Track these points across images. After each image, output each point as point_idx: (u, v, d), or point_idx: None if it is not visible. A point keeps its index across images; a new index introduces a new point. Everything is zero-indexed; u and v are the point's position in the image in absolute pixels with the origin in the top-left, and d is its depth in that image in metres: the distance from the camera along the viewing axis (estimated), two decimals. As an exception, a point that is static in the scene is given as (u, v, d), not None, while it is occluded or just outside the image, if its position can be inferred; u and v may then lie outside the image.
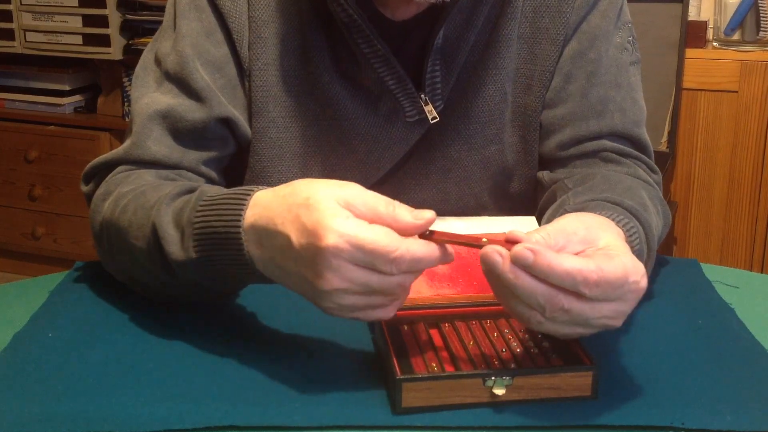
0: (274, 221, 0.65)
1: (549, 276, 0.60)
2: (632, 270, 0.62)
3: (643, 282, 0.63)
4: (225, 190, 0.73)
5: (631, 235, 0.73)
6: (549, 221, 0.86)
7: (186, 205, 0.73)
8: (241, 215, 0.68)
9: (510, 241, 0.62)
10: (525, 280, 0.61)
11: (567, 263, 0.60)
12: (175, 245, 0.72)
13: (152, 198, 0.77)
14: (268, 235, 0.66)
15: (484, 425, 0.62)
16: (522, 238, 0.62)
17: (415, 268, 0.63)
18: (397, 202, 0.64)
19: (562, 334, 0.64)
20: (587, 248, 0.64)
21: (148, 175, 0.86)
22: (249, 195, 0.69)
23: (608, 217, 0.72)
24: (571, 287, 0.60)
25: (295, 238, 0.63)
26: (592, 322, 0.63)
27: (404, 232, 0.63)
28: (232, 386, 0.66)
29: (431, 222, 0.64)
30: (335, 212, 0.62)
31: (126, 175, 0.87)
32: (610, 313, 0.63)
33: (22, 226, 2.87)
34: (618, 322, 0.64)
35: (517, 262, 0.60)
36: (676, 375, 0.68)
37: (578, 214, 0.70)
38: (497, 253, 0.62)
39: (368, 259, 0.61)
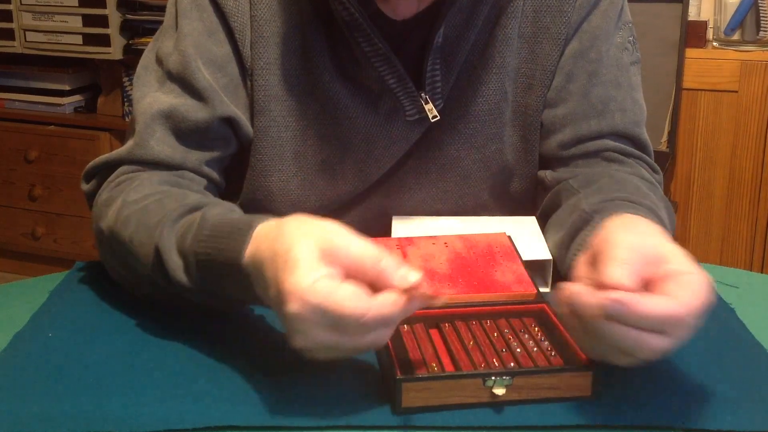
0: (262, 264, 0.65)
1: (640, 324, 0.60)
2: (706, 290, 0.62)
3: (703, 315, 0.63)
4: (226, 218, 0.72)
5: None
6: (561, 224, 0.87)
7: (188, 230, 0.73)
8: (242, 250, 0.67)
9: (597, 286, 0.61)
10: (616, 328, 0.60)
11: (656, 309, 0.59)
12: (179, 272, 0.73)
13: (155, 215, 0.77)
14: (258, 275, 0.66)
15: (484, 425, 0.62)
16: (609, 283, 0.61)
17: (388, 324, 0.62)
18: (385, 256, 0.62)
19: (627, 363, 0.63)
20: (658, 268, 0.63)
21: (152, 181, 0.85)
22: (252, 227, 0.68)
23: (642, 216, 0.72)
24: (661, 330, 0.60)
25: (272, 292, 0.63)
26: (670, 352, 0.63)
27: (385, 287, 0.62)
28: (232, 386, 0.66)
29: (417, 287, 0.62)
30: (306, 273, 0.60)
31: (129, 178, 0.87)
32: (676, 343, 0.63)
33: (22, 226, 2.87)
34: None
35: (610, 315, 0.60)
36: (675, 375, 0.68)
37: (623, 221, 0.69)
38: (583, 291, 0.61)
39: (335, 323, 0.60)
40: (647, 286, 0.63)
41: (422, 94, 0.93)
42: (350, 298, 0.59)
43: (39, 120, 2.79)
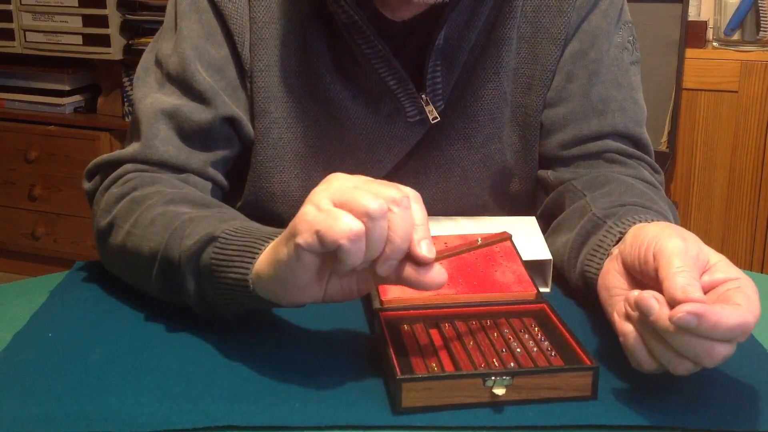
0: (275, 243, 0.66)
1: (711, 335, 0.59)
2: (756, 291, 0.63)
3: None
4: (237, 237, 0.71)
5: None
6: (569, 227, 0.86)
7: (200, 248, 0.72)
8: (249, 269, 0.68)
9: (671, 299, 0.61)
10: (687, 339, 0.60)
11: (731, 319, 0.59)
12: (191, 286, 0.73)
13: (166, 228, 0.76)
14: (269, 255, 0.66)
15: (484, 425, 0.62)
16: (679, 296, 0.60)
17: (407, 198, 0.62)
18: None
19: (686, 370, 0.63)
20: (708, 276, 0.64)
21: (163, 191, 0.83)
22: (262, 248, 0.68)
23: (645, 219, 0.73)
24: (729, 339, 0.60)
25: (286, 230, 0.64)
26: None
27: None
28: (232, 386, 0.66)
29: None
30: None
31: (137, 180, 0.86)
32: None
33: (22, 226, 2.87)
34: None
35: (683, 328, 0.59)
36: (675, 375, 0.68)
37: (661, 228, 0.69)
38: (654, 299, 0.61)
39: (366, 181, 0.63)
40: (706, 294, 0.63)
41: (423, 96, 0.92)
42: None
43: (39, 120, 2.79)
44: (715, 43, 2.36)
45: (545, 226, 0.94)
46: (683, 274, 0.62)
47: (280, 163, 0.96)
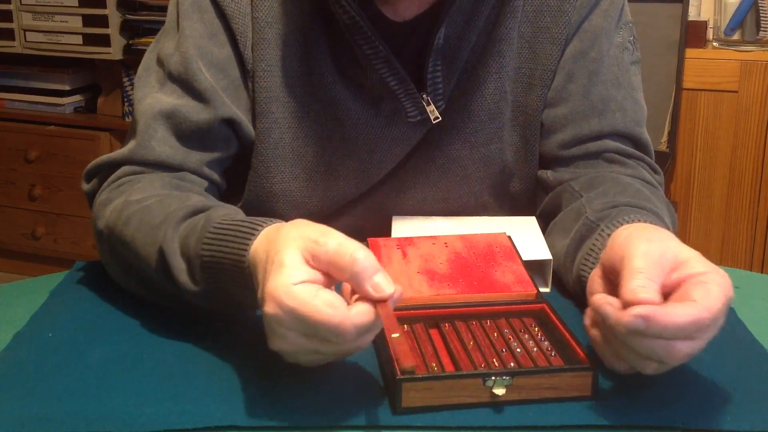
0: (257, 267, 0.65)
1: (664, 335, 0.60)
2: (727, 287, 0.62)
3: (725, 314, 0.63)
4: (231, 219, 0.71)
5: None
6: (565, 230, 0.86)
7: (192, 232, 0.73)
8: (246, 251, 0.67)
9: (623, 302, 0.62)
10: (645, 341, 0.60)
11: (680, 318, 0.59)
12: (183, 274, 0.72)
13: (158, 216, 0.77)
14: (254, 278, 0.66)
15: (484, 425, 0.62)
16: (630, 298, 0.61)
17: (369, 330, 0.61)
18: (360, 257, 0.61)
19: (654, 370, 0.63)
20: (678, 273, 0.64)
21: (153, 184, 0.85)
22: (255, 231, 0.68)
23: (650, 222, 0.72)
24: (687, 337, 0.60)
25: (258, 293, 0.63)
26: (698, 354, 0.63)
27: (360, 291, 0.62)
28: (232, 386, 0.66)
29: (388, 298, 0.61)
30: (286, 277, 0.60)
31: (130, 181, 0.87)
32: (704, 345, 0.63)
33: (22, 226, 2.87)
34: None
35: (631, 332, 0.60)
36: (676, 375, 0.68)
37: (634, 230, 0.69)
38: (609, 305, 0.62)
39: (310, 330, 0.60)
40: (671, 292, 0.63)
41: (424, 96, 0.92)
42: (327, 306, 0.59)
43: (39, 120, 2.79)
44: (715, 43, 2.36)
45: (545, 227, 0.94)
46: (639, 276, 0.62)
47: (281, 163, 0.96)
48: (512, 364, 0.66)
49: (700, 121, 2.37)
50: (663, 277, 0.63)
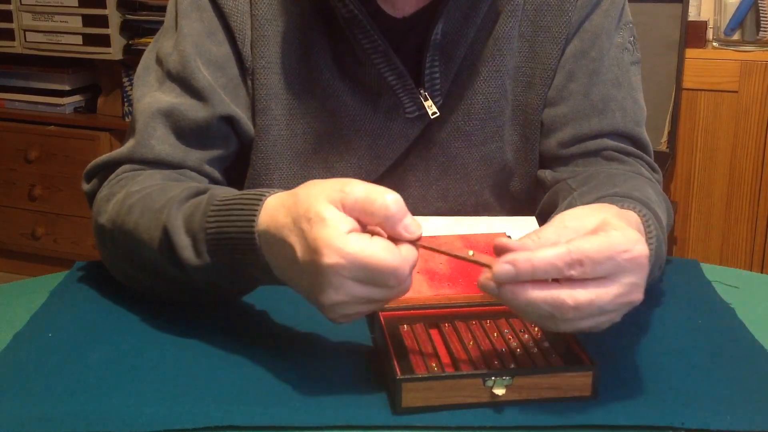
0: (282, 232, 0.65)
1: (535, 275, 0.59)
2: (618, 240, 0.61)
3: (637, 250, 0.61)
4: (235, 193, 0.72)
5: (647, 221, 0.73)
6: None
7: (196, 209, 0.73)
8: (254, 219, 0.68)
9: (498, 252, 0.62)
10: (521, 297, 0.60)
11: (546, 255, 0.59)
12: (188, 250, 0.72)
13: (160, 200, 0.77)
14: (277, 243, 0.66)
15: (483, 425, 0.62)
16: (506, 247, 0.61)
17: (410, 274, 0.63)
18: (390, 201, 0.63)
19: (589, 328, 0.62)
20: (577, 235, 0.63)
21: (153, 176, 0.86)
22: (261, 199, 0.69)
23: (620, 207, 0.71)
24: (559, 275, 0.60)
25: (299, 252, 0.63)
26: (608, 307, 0.61)
27: (393, 233, 0.63)
28: (232, 386, 0.66)
29: (419, 238, 0.64)
30: (335, 227, 0.61)
31: (131, 175, 0.87)
32: (622, 290, 0.61)
33: (22, 226, 2.87)
34: (638, 296, 0.63)
35: (503, 280, 0.60)
36: (676, 375, 0.68)
37: (580, 207, 0.69)
38: (488, 280, 0.61)
39: (370, 276, 0.61)
40: None
41: (421, 91, 0.93)
42: (384, 251, 0.61)
43: (39, 120, 2.79)
44: (715, 43, 2.36)
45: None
46: (531, 235, 0.63)
47: (280, 159, 0.96)
48: (512, 365, 0.66)
49: (699, 121, 2.37)
50: (558, 241, 0.62)
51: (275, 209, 0.67)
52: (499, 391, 0.63)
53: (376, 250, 0.61)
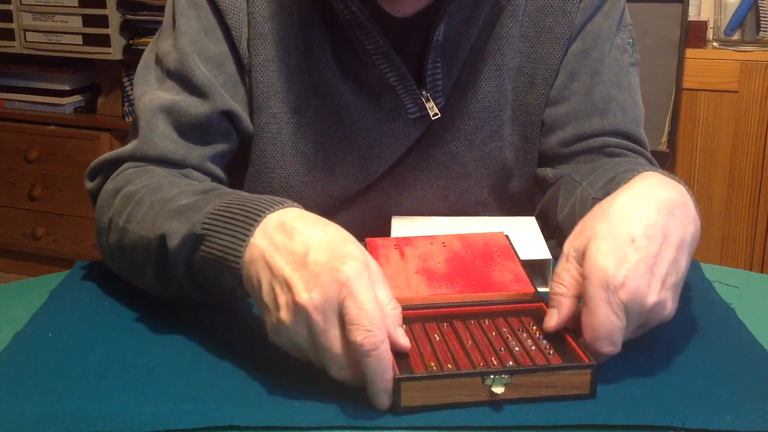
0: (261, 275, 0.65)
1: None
2: (602, 254, 0.65)
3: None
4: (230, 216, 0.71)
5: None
6: (567, 218, 0.86)
7: (196, 212, 0.72)
8: (242, 251, 0.67)
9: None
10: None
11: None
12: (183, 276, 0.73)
13: (169, 193, 0.77)
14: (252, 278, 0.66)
15: (483, 424, 0.62)
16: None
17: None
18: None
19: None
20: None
21: (158, 172, 0.86)
22: (257, 222, 0.68)
23: (638, 170, 0.75)
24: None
25: (311, 272, 0.62)
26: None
27: None
28: (232, 386, 0.66)
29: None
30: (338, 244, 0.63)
31: (135, 172, 0.87)
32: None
33: (22, 226, 2.87)
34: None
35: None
36: (676, 375, 0.68)
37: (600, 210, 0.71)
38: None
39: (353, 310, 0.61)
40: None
41: (423, 92, 0.93)
42: (382, 294, 0.63)
43: (39, 120, 2.79)
44: (715, 43, 2.36)
45: (543, 224, 0.94)
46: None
47: (280, 158, 0.96)
48: (511, 363, 0.66)
49: (700, 121, 2.37)
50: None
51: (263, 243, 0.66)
52: (498, 390, 0.63)
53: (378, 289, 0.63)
